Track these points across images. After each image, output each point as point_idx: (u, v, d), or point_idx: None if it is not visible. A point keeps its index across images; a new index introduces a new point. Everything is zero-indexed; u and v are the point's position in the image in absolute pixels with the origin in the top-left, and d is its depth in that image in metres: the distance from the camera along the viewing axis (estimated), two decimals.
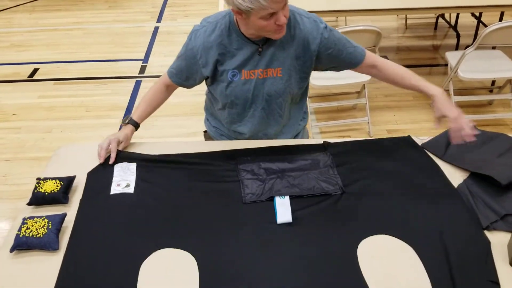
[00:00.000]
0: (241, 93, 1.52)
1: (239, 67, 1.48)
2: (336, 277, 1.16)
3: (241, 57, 1.47)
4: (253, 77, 1.49)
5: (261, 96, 1.53)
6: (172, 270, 1.19)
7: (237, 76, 1.49)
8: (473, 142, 1.41)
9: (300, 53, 1.48)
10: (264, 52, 1.47)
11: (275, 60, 1.48)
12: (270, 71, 1.49)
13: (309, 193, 1.40)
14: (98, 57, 4.35)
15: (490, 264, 1.17)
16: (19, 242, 1.23)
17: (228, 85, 1.51)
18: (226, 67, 1.49)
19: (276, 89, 1.52)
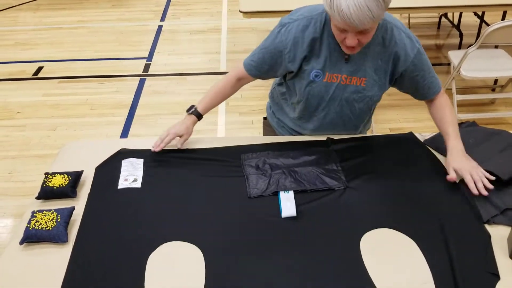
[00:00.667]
0: (319, 94, 1.50)
1: (324, 68, 1.45)
2: (340, 270, 1.18)
3: (328, 59, 1.44)
4: (335, 80, 1.47)
5: (338, 100, 1.51)
6: (179, 263, 1.21)
7: (320, 77, 1.46)
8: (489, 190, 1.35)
9: (387, 67, 1.45)
10: (351, 60, 1.44)
11: (362, 69, 1.45)
12: (354, 79, 1.46)
13: (313, 187, 1.42)
14: (102, 55, 4.38)
15: (490, 257, 1.19)
16: (29, 235, 1.26)
17: (309, 84, 1.49)
18: (311, 66, 1.46)
19: (356, 97, 1.50)
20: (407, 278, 1.16)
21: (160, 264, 1.21)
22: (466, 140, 1.59)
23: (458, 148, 1.43)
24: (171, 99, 3.65)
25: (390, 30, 1.41)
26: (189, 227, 1.31)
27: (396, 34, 1.41)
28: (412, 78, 1.48)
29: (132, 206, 1.38)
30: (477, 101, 3.48)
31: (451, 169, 1.39)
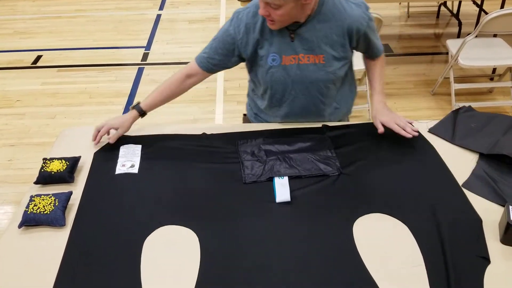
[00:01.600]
0: (281, 79, 1.52)
1: (279, 51, 1.48)
2: (332, 253, 1.20)
3: (278, 42, 1.48)
4: (294, 62, 1.50)
5: (302, 82, 1.53)
6: (175, 246, 1.23)
7: (277, 60, 1.50)
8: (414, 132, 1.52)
9: (344, 40, 1.49)
10: (298, 39, 1.47)
11: (317, 46, 1.48)
12: (312, 57, 1.49)
13: (307, 173, 1.44)
14: (101, 44, 4.37)
15: (481, 241, 1.21)
16: (27, 218, 1.28)
17: (269, 70, 1.51)
18: (266, 51, 1.49)
19: (318, 75, 1.52)
20: (399, 262, 1.18)
21: (156, 247, 1.23)
22: (468, 125, 1.62)
23: (382, 102, 1.60)
24: None
25: (338, 3, 1.46)
26: (185, 211, 1.33)
27: (345, 6, 1.46)
28: (364, 42, 1.57)
29: (129, 191, 1.39)
30: (475, 90, 3.49)
31: (378, 122, 1.55)
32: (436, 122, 1.68)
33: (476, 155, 1.53)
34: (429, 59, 4.01)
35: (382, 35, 3.11)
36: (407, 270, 1.16)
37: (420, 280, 1.13)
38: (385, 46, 4.17)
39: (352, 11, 1.46)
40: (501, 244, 1.22)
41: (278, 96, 1.59)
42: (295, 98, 1.58)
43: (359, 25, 1.47)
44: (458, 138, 1.59)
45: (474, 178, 1.43)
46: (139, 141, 1.59)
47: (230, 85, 3.66)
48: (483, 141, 1.55)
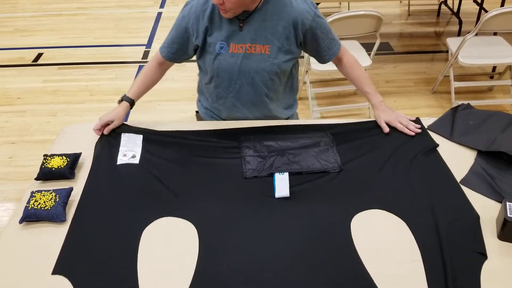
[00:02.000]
0: (228, 66, 1.56)
1: (227, 39, 1.53)
2: (329, 248, 1.21)
3: (226, 30, 1.52)
4: (241, 51, 1.54)
5: (247, 71, 1.57)
6: (173, 238, 1.25)
7: (224, 48, 1.54)
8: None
9: (289, 33, 1.52)
10: (246, 28, 1.51)
11: (263, 36, 1.52)
12: (258, 47, 1.53)
13: (308, 170, 1.45)
14: (102, 42, 4.38)
15: (478, 237, 1.22)
16: (28, 214, 1.29)
17: (216, 57, 1.56)
18: (214, 38, 1.53)
19: (263, 66, 1.55)
20: (396, 257, 1.19)
21: (153, 239, 1.25)
22: (466, 122, 1.63)
23: (381, 102, 1.64)
24: (169, 86, 3.66)
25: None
26: (185, 204, 1.34)
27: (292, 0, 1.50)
28: (312, 41, 1.57)
29: (129, 181, 1.42)
30: (474, 88, 3.49)
31: (383, 122, 1.61)
32: (435, 120, 1.69)
33: (474, 152, 1.54)
34: (429, 57, 4.02)
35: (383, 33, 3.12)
36: (404, 266, 1.17)
37: (417, 276, 1.14)
38: (386, 44, 4.17)
39: (298, 5, 1.51)
40: (498, 240, 1.23)
41: (224, 85, 1.62)
42: (240, 88, 1.61)
43: (304, 18, 1.51)
44: (456, 135, 1.60)
45: (472, 175, 1.44)
46: (140, 131, 1.61)
47: None
48: (481, 138, 1.56)
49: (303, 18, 1.51)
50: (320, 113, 3.29)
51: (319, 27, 1.55)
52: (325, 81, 3.60)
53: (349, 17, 2.72)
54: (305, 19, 1.51)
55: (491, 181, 1.40)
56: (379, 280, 1.13)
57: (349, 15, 2.72)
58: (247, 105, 1.65)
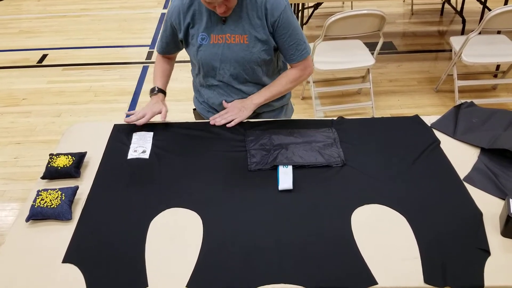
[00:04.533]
0: (210, 56, 1.61)
1: (208, 31, 1.57)
2: (329, 241, 1.23)
3: (208, 22, 1.56)
4: (221, 41, 1.57)
5: (228, 61, 1.61)
6: (179, 227, 1.29)
7: (206, 39, 1.58)
8: None
9: (263, 24, 1.55)
10: (228, 20, 1.55)
11: (240, 27, 1.55)
12: (237, 37, 1.56)
13: (311, 163, 1.46)
14: (106, 43, 4.40)
15: (481, 234, 1.22)
16: (34, 212, 1.30)
17: (198, 48, 1.60)
18: (196, 30, 1.58)
19: (243, 55, 1.59)
20: (395, 252, 1.20)
21: (161, 228, 1.28)
22: (469, 120, 1.63)
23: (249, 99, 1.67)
24: (174, 86, 3.67)
25: None
26: (191, 195, 1.38)
27: None
28: (279, 35, 1.57)
29: (139, 174, 1.46)
30: (478, 87, 3.49)
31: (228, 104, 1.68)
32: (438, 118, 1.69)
33: (478, 149, 1.54)
34: (433, 56, 4.02)
35: (386, 32, 3.11)
36: (403, 262, 1.17)
37: (414, 271, 1.15)
38: (389, 43, 4.17)
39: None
40: (501, 236, 1.23)
41: (211, 74, 1.68)
42: (225, 76, 1.66)
43: (273, 9, 1.51)
44: (459, 133, 1.60)
45: (475, 172, 1.44)
46: (151, 128, 1.66)
47: None
48: (485, 135, 1.56)
49: (273, 8, 1.52)
50: (323, 112, 3.30)
51: (286, 23, 1.54)
52: (328, 81, 3.61)
53: (352, 16, 2.72)
54: (274, 9, 1.52)
55: (494, 179, 1.40)
56: (377, 274, 1.14)
57: (352, 14, 2.73)
58: (235, 92, 1.70)
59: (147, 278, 1.15)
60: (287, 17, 1.54)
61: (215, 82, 1.69)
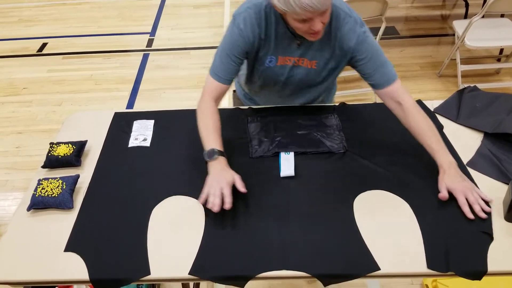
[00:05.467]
0: (275, 77, 1.53)
1: (276, 53, 1.46)
2: (332, 227, 1.22)
3: (280, 45, 1.44)
4: (289, 63, 1.49)
5: (293, 81, 1.54)
6: (181, 215, 1.28)
7: (273, 62, 1.49)
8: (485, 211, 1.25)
9: (337, 53, 1.45)
10: (302, 45, 1.44)
11: (311, 52, 1.45)
12: (305, 61, 1.47)
13: (313, 150, 1.46)
14: (106, 31, 4.37)
15: (485, 219, 1.22)
16: (35, 201, 1.30)
17: (264, 69, 1.51)
18: (265, 52, 1.46)
19: (309, 79, 1.53)
20: (398, 238, 1.19)
21: (163, 216, 1.28)
22: (472, 105, 1.62)
23: (451, 164, 1.29)
24: (174, 74, 3.66)
25: (336, 14, 1.38)
26: (193, 182, 1.37)
27: (342, 17, 1.38)
28: (360, 63, 1.42)
29: (140, 162, 1.46)
30: (481, 71, 3.46)
31: (444, 187, 1.27)
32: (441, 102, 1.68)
33: (481, 134, 1.53)
34: (435, 41, 3.98)
35: (388, 17, 3.07)
36: (405, 247, 1.17)
37: (417, 257, 1.14)
38: (391, 28, 4.13)
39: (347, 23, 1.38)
40: (505, 221, 1.22)
41: (269, 88, 1.61)
42: (284, 91, 1.60)
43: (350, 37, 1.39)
44: (462, 118, 1.59)
45: (478, 157, 1.43)
46: (152, 116, 1.65)
47: None
48: (488, 120, 1.55)
49: (349, 38, 1.39)
50: None
51: (364, 49, 1.40)
52: None
53: (355, 1, 2.69)
54: (351, 39, 1.39)
55: (497, 163, 1.39)
56: (380, 260, 1.14)
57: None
58: (289, 100, 1.65)
59: (149, 266, 1.15)
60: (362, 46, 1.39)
61: (273, 92, 1.62)
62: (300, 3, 1.18)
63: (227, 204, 1.21)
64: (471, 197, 1.24)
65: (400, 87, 1.43)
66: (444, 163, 1.30)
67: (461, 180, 1.27)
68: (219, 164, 1.30)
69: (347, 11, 1.40)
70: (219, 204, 1.21)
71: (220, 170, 1.29)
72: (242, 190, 1.26)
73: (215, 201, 1.22)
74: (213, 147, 1.32)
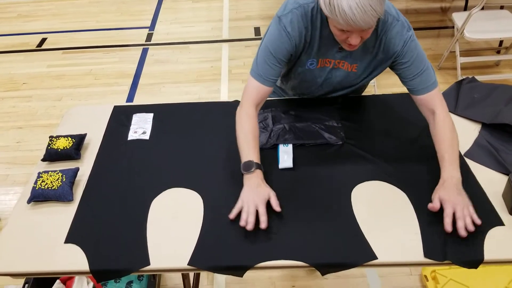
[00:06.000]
0: (313, 78, 1.52)
1: (318, 56, 1.44)
2: (329, 217, 1.23)
3: (323, 48, 1.41)
4: (328, 65, 1.47)
5: (331, 83, 1.53)
6: (180, 206, 1.30)
7: (314, 64, 1.47)
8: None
9: (380, 57, 1.42)
10: (344, 50, 1.41)
11: (353, 55, 1.43)
12: (346, 65, 1.45)
13: (311, 141, 1.46)
14: (105, 25, 4.37)
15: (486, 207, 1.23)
16: (36, 194, 1.31)
17: (303, 71, 1.49)
18: (307, 55, 1.43)
19: (348, 81, 1.51)
20: (395, 227, 1.20)
21: (162, 208, 1.29)
22: (471, 96, 1.62)
23: (453, 179, 1.24)
24: (174, 68, 3.66)
25: (384, 18, 1.34)
26: (191, 175, 1.39)
27: (389, 22, 1.35)
28: (401, 66, 1.39)
29: (139, 155, 1.47)
30: (481, 64, 3.46)
31: (437, 198, 1.22)
32: None
33: (479, 125, 1.53)
34: (435, 33, 3.97)
35: None
36: (402, 236, 1.18)
37: (414, 246, 1.15)
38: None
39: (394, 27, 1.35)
40: (508, 215, 1.22)
41: (303, 89, 1.60)
42: (319, 91, 1.59)
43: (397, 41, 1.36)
44: (461, 109, 1.59)
45: (476, 147, 1.43)
46: (151, 109, 1.66)
47: (235, 63, 3.65)
48: (486, 111, 1.55)
49: (395, 42, 1.36)
50: None
51: (409, 54, 1.36)
52: None
53: None
54: (397, 43, 1.35)
55: (495, 153, 1.40)
56: (377, 249, 1.15)
57: None
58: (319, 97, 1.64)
59: (149, 257, 1.16)
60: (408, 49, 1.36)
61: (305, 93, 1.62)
62: (344, 16, 1.14)
63: (263, 223, 1.18)
64: (459, 212, 1.18)
65: (437, 96, 1.38)
66: (447, 176, 1.25)
67: (456, 194, 1.21)
68: (255, 178, 1.26)
69: (394, 15, 1.35)
70: (253, 222, 1.18)
71: (256, 186, 1.25)
72: (277, 209, 1.22)
73: (249, 219, 1.18)
74: (251, 159, 1.28)
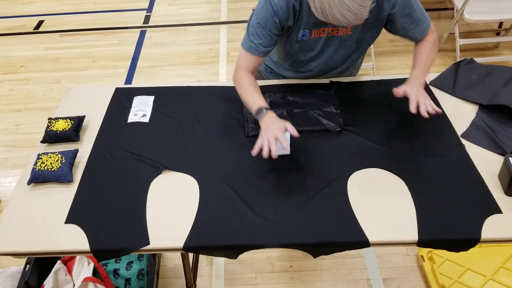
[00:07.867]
0: (309, 50, 1.51)
1: (310, 27, 1.44)
2: (325, 204, 1.24)
3: (313, 17, 1.39)
4: (323, 35, 1.47)
5: (327, 52, 1.53)
6: (177, 189, 1.31)
7: (306, 36, 1.46)
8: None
9: (373, 15, 1.41)
10: None
11: None
12: (340, 30, 1.45)
13: (309, 128, 1.46)
14: (102, 7, 4.33)
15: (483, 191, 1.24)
16: (35, 175, 1.32)
17: (297, 43, 1.48)
18: (298, 26, 1.44)
19: (344, 45, 1.50)
20: (391, 209, 1.22)
21: (160, 190, 1.31)
22: (469, 77, 1.62)
23: (418, 79, 1.41)
24: (172, 50, 3.64)
25: None
26: (189, 160, 1.39)
27: None
28: (399, 17, 1.43)
29: (139, 138, 1.48)
30: (480, 45, 3.44)
31: (402, 88, 1.38)
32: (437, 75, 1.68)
33: (476, 106, 1.53)
34: (435, 15, 3.95)
35: None
36: (398, 217, 1.20)
37: (410, 226, 1.17)
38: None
39: None
40: (504, 195, 1.24)
41: (302, 64, 1.59)
42: (318, 64, 1.58)
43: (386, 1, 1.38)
44: (458, 90, 1.59)
45: (473, 128, 1.44)
46: (152, 92, 1.66)
47: (233, 46, 3.63)
48: (483, 92, 1.55)
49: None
50: None
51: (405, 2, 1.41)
52: None
53: None
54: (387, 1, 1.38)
55: (492, 135, 1.40)
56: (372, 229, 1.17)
57: None
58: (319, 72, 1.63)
59: (148, 237, 1.17)
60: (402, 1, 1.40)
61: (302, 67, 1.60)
62: (338, 21, 1.17)
63: (285, 146, 1.24)
64: (421, 99, 1.33)
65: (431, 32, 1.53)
66: (413, 78, 1.42)
67: (419, 89, 1.37)
68: (269, 117, 1.34)
69: None
70: (275, 149, 1.24)
71: (271, 121, 1.33)
72: (294, 133, 1.28)
73: (271, 146, 1.24)
74: (260, 105, 1.36)
